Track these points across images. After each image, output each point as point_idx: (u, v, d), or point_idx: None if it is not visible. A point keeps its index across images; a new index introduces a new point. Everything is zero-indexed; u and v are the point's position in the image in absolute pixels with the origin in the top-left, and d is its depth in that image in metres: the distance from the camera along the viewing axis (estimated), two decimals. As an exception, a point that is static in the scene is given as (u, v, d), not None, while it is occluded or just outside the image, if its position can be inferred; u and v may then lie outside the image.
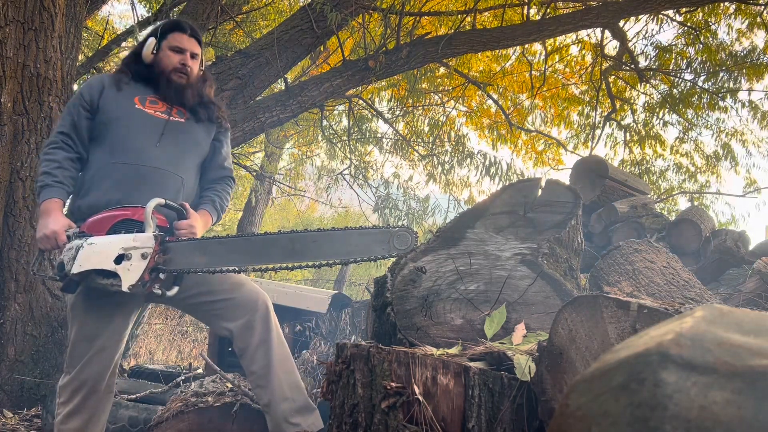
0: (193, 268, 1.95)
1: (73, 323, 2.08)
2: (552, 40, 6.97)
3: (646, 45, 7.64)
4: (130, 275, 1.90)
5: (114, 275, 1.91)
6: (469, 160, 7.26)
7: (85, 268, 1.90)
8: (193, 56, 2.30)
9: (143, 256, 1.92)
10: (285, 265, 1.85)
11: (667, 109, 7.66)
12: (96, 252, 1.91)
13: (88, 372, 2.06)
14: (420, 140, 8.10)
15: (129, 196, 2.06)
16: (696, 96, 7.43)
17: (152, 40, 2.27)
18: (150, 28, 2.39)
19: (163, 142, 2.16)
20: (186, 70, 2.27)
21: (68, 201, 2.13)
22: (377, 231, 1.77)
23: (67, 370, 2.08)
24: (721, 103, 7.41)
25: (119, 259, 1.91)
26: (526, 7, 5.97)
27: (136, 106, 2.19)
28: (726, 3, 6.57)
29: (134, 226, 1.99)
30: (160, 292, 2.02)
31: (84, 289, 2.03)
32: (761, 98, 7.45)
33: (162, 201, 2.01)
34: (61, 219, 2.01)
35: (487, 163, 6.92)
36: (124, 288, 1.90)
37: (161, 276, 2.00)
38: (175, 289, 2.08)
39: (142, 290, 1.95)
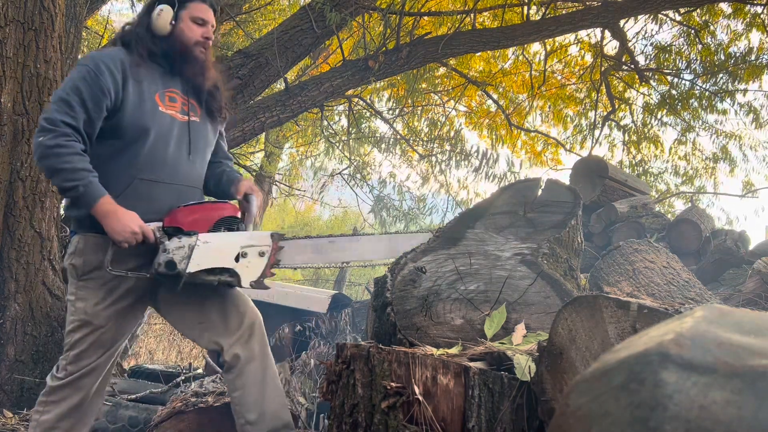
0: (303, 264, 2.10)
1: (89, 326, 1.97)
2: (552, 40, 6.97)
3: (646, 45, 7.62)
4: (249, 272, 1.97)
5: (228, 271, 1.96)
6: (467, 160, 7.26)
7: (204, 266, 1.92)
8: (212, 27, 2.10)
9: (260, 254, 1.98)
10: (386, 261, 2.07)
11: (666, 110, 7.66)
12: (214, 250, 1.95)
13: (95, 375, 2.00)
14: (419, 140, 8.10)
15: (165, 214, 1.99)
16: (695, 97, 7.43)
17: (168, 10, 2.00)
18: None
19: (192, 155, 2.07)
20: (208, 45, 2.08)
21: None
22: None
23: (69, 368, 1.97)
24: (719, 105, 7.41)
25: (238, 257, 1.97)
26: (525, 7, 5.97)
27: (160, 109, 2.00)
28: (725, 3, 6.57)
29: (234, 222, 2.05)
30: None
31: (106, 293, 1.98)
32: (755, 98, 7.45)
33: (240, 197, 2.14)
34: (136, 215, 1.89)
35: (485, 163, 6.91)
36: (245, 284, 1.96)
37: (271, 270, 2.10)
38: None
39: (263, 287, 2.00)
